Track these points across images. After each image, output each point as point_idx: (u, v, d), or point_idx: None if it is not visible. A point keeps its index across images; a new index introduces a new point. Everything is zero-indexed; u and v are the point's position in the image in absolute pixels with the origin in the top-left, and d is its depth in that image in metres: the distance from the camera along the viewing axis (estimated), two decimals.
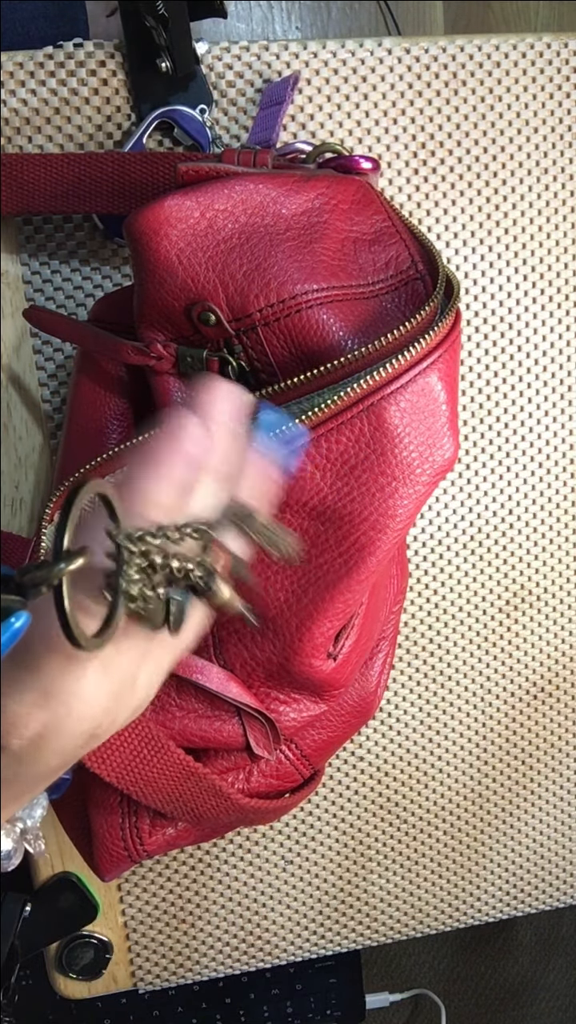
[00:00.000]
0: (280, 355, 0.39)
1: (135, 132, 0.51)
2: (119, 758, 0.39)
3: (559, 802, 0.67)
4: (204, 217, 0.38)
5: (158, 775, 0.40)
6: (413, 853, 0.65)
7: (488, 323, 0.58)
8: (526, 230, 0.57)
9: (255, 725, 0.42)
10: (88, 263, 0.54)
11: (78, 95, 0.52)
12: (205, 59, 0.52)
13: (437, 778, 0.64)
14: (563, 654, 0.64)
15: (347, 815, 0.63)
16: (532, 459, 0.60)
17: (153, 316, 0.40)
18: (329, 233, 0.40)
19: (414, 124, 0.55)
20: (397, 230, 0.42)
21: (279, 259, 0.39)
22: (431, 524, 0.60)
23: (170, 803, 0.41)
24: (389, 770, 0.63)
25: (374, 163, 0.44)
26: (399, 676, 0.62)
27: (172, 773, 0.40)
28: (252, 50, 0.53)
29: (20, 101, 0.51)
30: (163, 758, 0.39)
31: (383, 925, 0.66)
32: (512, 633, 0.63)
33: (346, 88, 0.54)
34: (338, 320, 0.39)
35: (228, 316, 0.39)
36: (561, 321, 0.59)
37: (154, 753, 0.39)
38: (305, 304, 0.38)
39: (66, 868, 0.61)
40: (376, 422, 0.36)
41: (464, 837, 0.66)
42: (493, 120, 0.56)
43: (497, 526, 0.61)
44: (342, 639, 0.42)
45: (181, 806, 0.41)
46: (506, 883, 0.68)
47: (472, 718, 0.63)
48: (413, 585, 0.61)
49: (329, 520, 0.37)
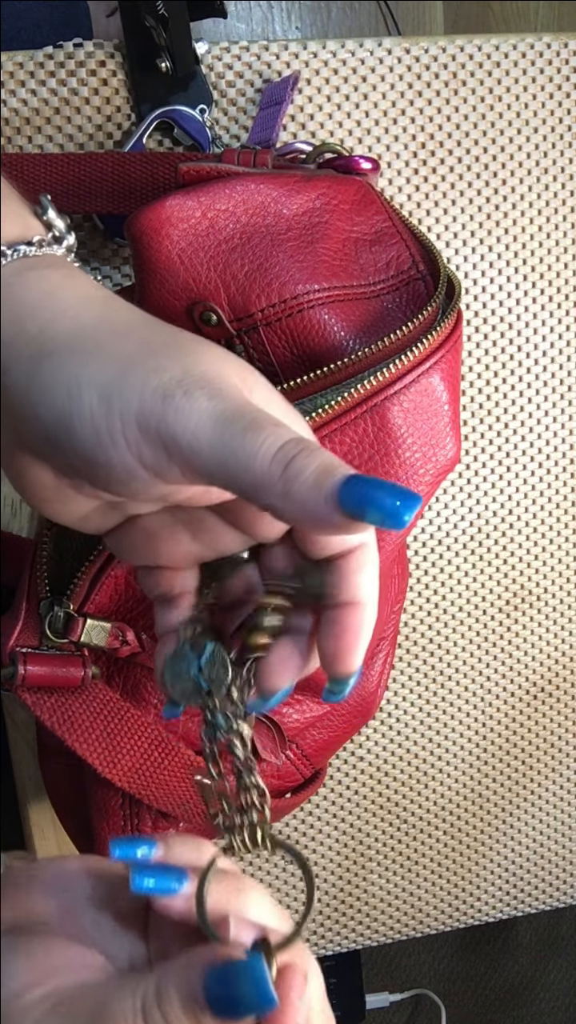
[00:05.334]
0: (281, 355, 0.39)
1: (135, 132, 0.51)
2: (129, 762, 0.39)
3: (559, 802, 0.67)
4: (205, 217, 0.38)
5: (168, 777, 0.39)
6: (413, 853, 0.65)
7: (488, 323, 0.58)
8: (526, 230, 0.57)
9: (261, 730, 0.42)
10: (88, 263, 0.54)
11: (78, 95, 0.52)
12: (205, 59, 0.52)
13: (437, 778, 0.64)
14: (563, 654, 0.64)
15: (347, 815, 0.63)
16: (532, 459, 0.60)
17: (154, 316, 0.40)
18: (330, 233, 0.40)
19: (414, 124, 0.55)
20: (398, 230, 0.42)
21: (280, 259, 0.39)
22: (431, 524, 0.60)
23: (180, 805, 0.41)
24: (389, 770, 0.63)
25: (374, 163, 0.44)
26: (399, 676, 0.62)
27: (182, 775, 0.40)
28: (252, 50, 0.53)
29: (20, 101, 0.51)
30: (173, 760, 0.39)
31: (383, 925, 0.66)
32: (512, 633, 0.63)
33: (346, 88, 0.54)
34: (339, 320, 0.39)
35: (229, 316, 0.39)
36: (561, 321, 0.59)
37: (164, 756, 0.39)
38: (307, 304, 0.38)
39: None
40: (379, 423, 0.36)
41: (464, 837, 0.66)
42: (493, 120, 0.56)
43: (497, 526, 0.61)
44: None
45: (191, 808, 0.41)
46: (506, 883, 0.68)
47: (472, 718, 0.63)
48: (413, 585, 0.61)
49: None
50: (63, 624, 0.36)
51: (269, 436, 0.24)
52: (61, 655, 0.37)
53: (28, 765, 0.58)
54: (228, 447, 0.24)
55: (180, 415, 0.24)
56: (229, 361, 0.27)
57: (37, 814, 0.59)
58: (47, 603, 0.37)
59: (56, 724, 0.37)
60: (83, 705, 0.38)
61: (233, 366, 0.27)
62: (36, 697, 0.37)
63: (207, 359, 0.26)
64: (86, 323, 0.27)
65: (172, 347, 0.26)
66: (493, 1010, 1.12)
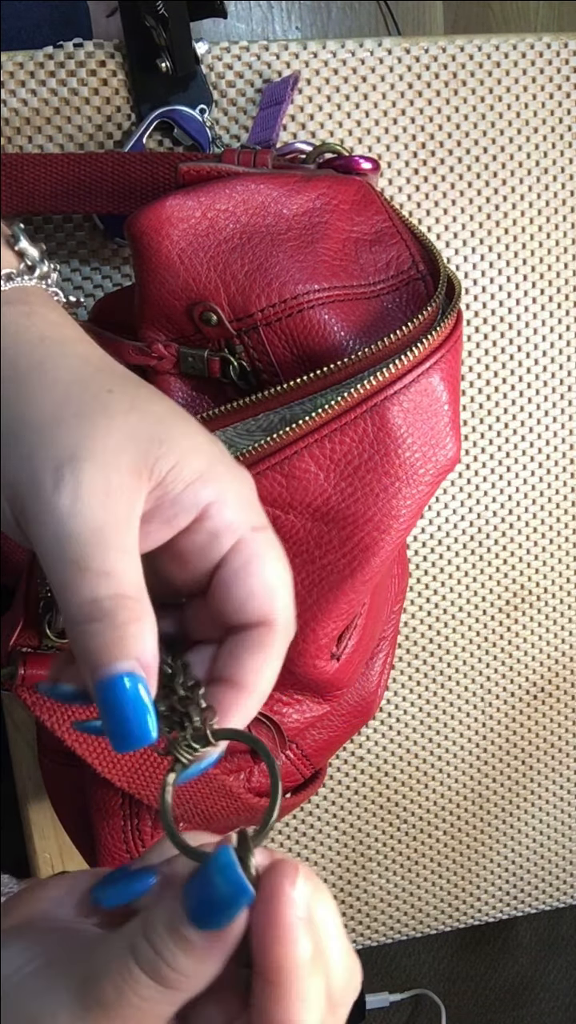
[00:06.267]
0: (281, 355, 0.39)
1: (135, 132, 0.51)
2: (129, 763, 0.39)
3: (559, 802, 0.67)
4: (205, 217, 0.38)
5: None
6: (413, 853, 0.65)
7: (488, 323, 0.58)
8: (526, 230, 0.57)
9: (260, 730, 0.42)
10: (88, 263, 0.54)
11: (78, 95, 0.52)
12: (205, 59, 0.52)
13: (437, 778, 0.64)
14: (563, 654, 0.64)
15: (347, 815, 0.63)
16: (532, 459, 0.60)
17: (154, 316, 0.40)
18: (330, 233, 0.40)
19: (414, 124, 0.55)
20: (398, 230, 0.42)
21: (280, 259, 0.39)
22: (431, 524, 0.60)
23: (180, 805, 0.41)
24: (389, 770, 0.63)
25: (374, 163, 0.44)
26: (399, 676, 0.62)
27: None
28: (252, 50, 0.53)
29: (20, 101, 0.51)
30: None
31: (383, 925, 0.66)
32: (512, 633, 0.63)
33: (346, 88, 0.54)
34: (339, 320, 0.39)
35: (229, 316, 0.39)
36: (561, 321, 0.59)
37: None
38: (307, 304, 0.38)
39: (66, 868, 0.61)
40: (379, 423, 0.36)
41: (464, 837, 0.66)
42: (493, 120, 0.56)
43: (497, 526, 0.61)
44: (345, 639, 0.42)
45: (191, 807, 0.41)
46: (506, 883, 0.68)
47: (472, 718, 0.63)
48: (413, 585, 0.61)
49: (333, 521, 0.37)
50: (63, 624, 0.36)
51: (88, 583, 0.24)
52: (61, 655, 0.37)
53: (28, 765, 0.58)
54: (53, 568, 0.25)
55: (37, 508, 0.25)
56: (136, 440, 0.26)
57: (37, 814, 0.59)
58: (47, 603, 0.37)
59: (56, 724, 0.37)
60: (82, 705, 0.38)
61: (141, 444, 0.26)
62: (36, 697, 0.37)
63: (109, 437, 0.26)
64: (21, 369, 0.27)
65: (83, 416, 0.26)
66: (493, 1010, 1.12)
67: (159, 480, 0.26)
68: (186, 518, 0.27)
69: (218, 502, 0.27)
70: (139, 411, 0.27)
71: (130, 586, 0.25)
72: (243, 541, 0.27)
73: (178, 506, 0.26)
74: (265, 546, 0.28)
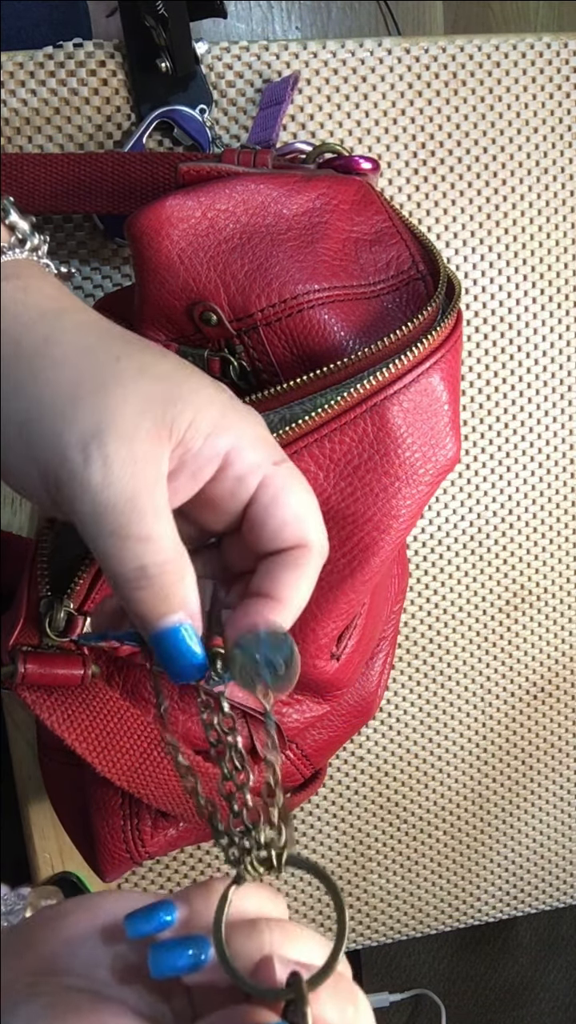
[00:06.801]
0: (281, 355, 0.39)
1: (135, 132, 0.51)
2: (128, 761, 0.39)
3: (559, 802, 0.67)
4: (205, 217, 0.38)
5: (168, 776, 0.39)
6: (413, 853, 0.65)
7: (488, 323, 0.58)
8: (526, 230, 0.57)
9: (260, 729, 0.42)
10: (88, 263, 0.54)
11: (78, 95, 0.52)
12: (205, 59, 0.52)
13: (437, 778, 0.64)
14: (563, 654, 0.64)
15: (347, 815, 0.63)
16: (532, 459, 0.60)
17: (154, 316, 0.40)
18: (330, 233, 0.40)
19: (414, 124, 0.55)
20: (398, 230, 0.42)
21: (280, 259, 0.39)
22: (431, 524, 0.60)
23: (180, 804, 0.41)
24: (389, 770, 0.63)
25: (374, 163, 0.44)
26: (399, 676, 0.62)
27: None
28: (252, 50, 0.53)
29: (20, 101, 0.51)
30: (173, 759, 0.39)
31: (383, 925, 0.66)
32: (512, 633, 0.63)
33: (346, 88, 0.54)
34: (339, 320, 0.39)
35: (229, 316, 0.39)
36: (561, 321, 0.59)
37: (164, 755, 0.39)
38: (307, 304, 0.38)
39: (66, 868, 0.61)
40: (379, 422, 0.36)
41: (464, 837, 0.66)
42: (493, 120, 0.56)
43: (497, 526, 0.61)
44: (345, 639, 0.42)
45: (192, 807, 0.41)
46: (506, 883, 0.68)
47: (472, 718, 0.63)
48: (413, 585, 0.61)
49: (333, 521, 0.37)
50: (63, 623, 0.36)
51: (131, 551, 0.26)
52: (61, 654, 0.37)
53: (28, 765, 0.58)
54: (95, 540, 0.26)
55: (72, 486, 0.26)
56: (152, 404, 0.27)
57: (37, 814, 0.59)
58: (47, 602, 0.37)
59: (56, 723, 0.37)
60: (83, 704, 0.38)
61: (157, 408, 0.27)
62: (36, 696, 0.37)
63: (127, 406, 0.26)
64: (26, 347, 0.27)
65: (98, 390, 0.27)
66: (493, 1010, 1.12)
67: (179, 439, 0.27)
68: (210, 469, 0.28)
69: (237, 447, 0.28)
70: (149, 374, 0.27)
71: (168, 547, 0.27)
72: (268, 477, 0.28)
73: (201, 459, 0.28)
74: (289, 478, 0.29)
